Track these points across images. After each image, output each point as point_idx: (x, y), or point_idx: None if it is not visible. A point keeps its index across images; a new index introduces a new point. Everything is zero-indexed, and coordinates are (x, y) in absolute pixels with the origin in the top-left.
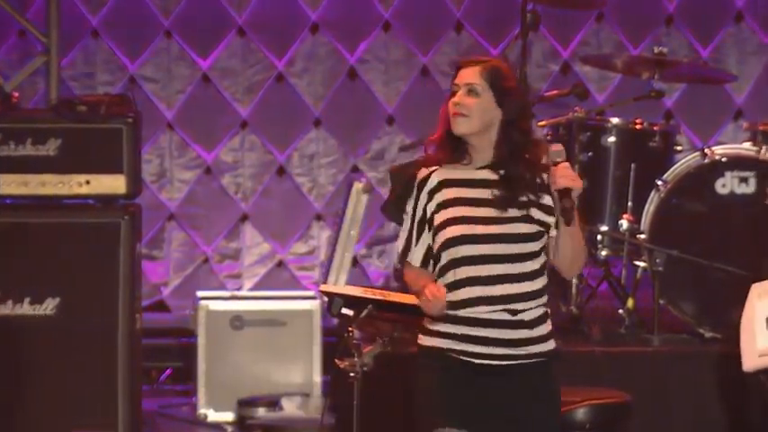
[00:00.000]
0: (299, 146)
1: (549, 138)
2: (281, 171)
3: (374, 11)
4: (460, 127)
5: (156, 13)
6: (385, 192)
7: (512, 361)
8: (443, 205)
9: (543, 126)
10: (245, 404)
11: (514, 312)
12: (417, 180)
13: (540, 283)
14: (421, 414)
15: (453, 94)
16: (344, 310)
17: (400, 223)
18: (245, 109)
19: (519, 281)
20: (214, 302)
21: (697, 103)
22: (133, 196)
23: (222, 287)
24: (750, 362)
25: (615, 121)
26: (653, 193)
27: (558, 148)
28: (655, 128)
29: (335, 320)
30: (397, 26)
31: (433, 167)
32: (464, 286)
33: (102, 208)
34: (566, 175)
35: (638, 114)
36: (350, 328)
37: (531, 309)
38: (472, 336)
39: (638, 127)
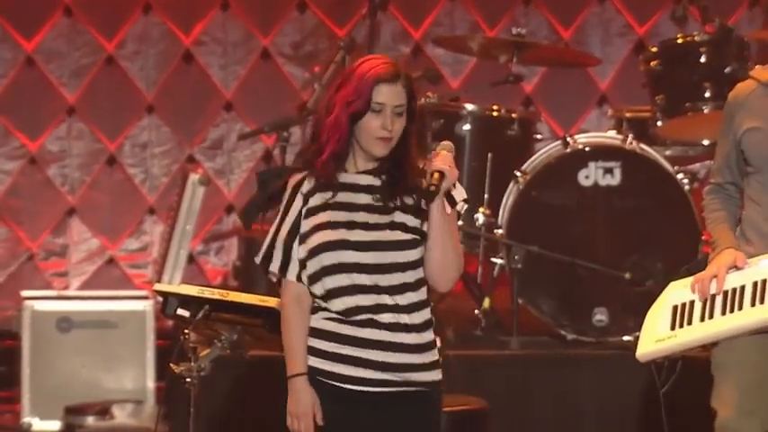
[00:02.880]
0: (131, 134)
1: None
2: (112, 161)
3: None
4: (384, 152)
5: None
6: (223, 183)
7: (389, 388)
8: (315, 210)
9: None
10: (73, 412)
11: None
12: (292, 183)
13: (419, 297)
14: None
15: (373, 112)
16: (180, 311)
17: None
18: (72, 94)
19: (398, 293)
20: (39, 302)
21: (558, 89)
22: None
23: (48, 286)
24: (645, 347)
25: (470, 107)
26: (511, 184)
27: (448, 143)
28: (513, 115)
29: (170, 322)
30: (236, 5)
31: (305, 172)
32: (336, 297)
33: None
34: (444, 160)
35: (494, 100)
36: (186, 331)
37: (420, 329)
38: (344, 355)
39: (494, 114)
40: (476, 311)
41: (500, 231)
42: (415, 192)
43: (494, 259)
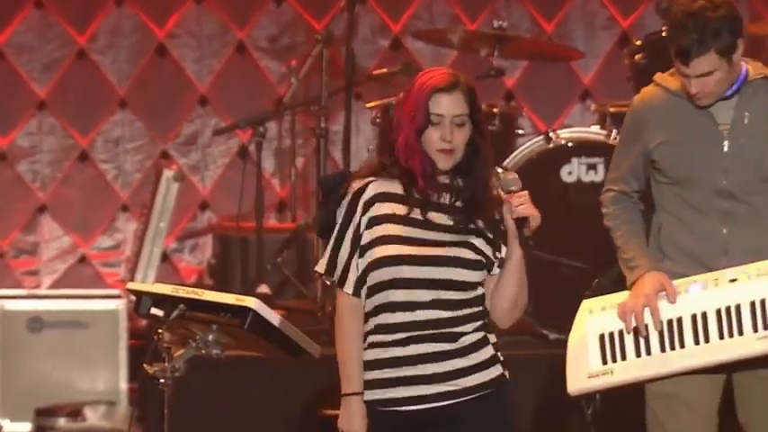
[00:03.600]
0: (103, 129)
1: (377, 120)
2: (84, 157)
3: None
4: (447, 164)
5: None
6: (198, 180)
7: (448, 401)
8: (378, 221)
9: (372, 107)
10: (45, 413)
11: (446, 338)
12: (353, 190)
13: (477, 308)
14: None
15: (432, 124)
16: (153, 310)
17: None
18: (42, 89)
19: (452, 309)
20: (10, 302)
21: (540, 83)
22: None
23: (18, 285)
24: (577, 384)
25: None
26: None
27: (512, 175)
28: (494, 110)
29: (144, 321)
30: None
31: (370, 178)
32: (385, 311)
33: None
34: (525, 204)
35: None
36: (159, 330)
37: (467, 333)
38: (398, 377)
39: None
40: None
41: None
42: (486, 218)
43: None
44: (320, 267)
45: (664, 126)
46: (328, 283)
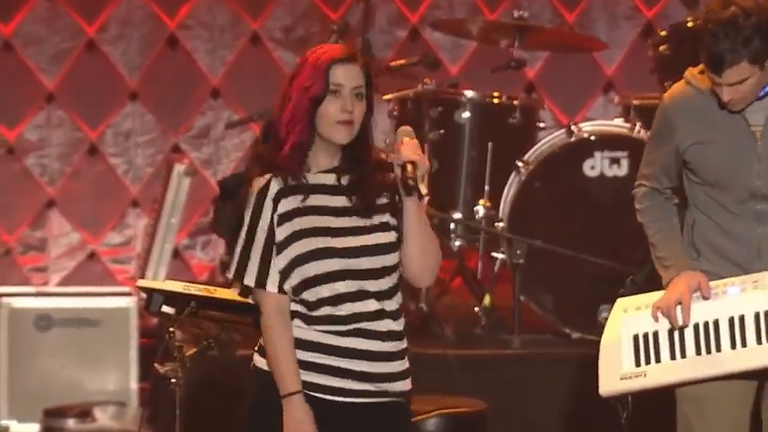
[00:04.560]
0: (113, 122)
1: (395, 113)
2: (93, 151)
3: None
4: (346, 137)
5: None
6: (210, 174)
7: (367, 398)
8: (288, 216)
9: (389, 100)
10: (53, 414)
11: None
12: (256, 188)
13: (397, 303)
14: None
15: (331, 94)
16: (164, 308)
17: (231, 242)
18: (51, 81)
19: (385, 298)
20: (17, 299)
21: (562, 75)
22: None
23: (26, 282)
24: (609, 385)
25: (470, 94)
26: (513, 175)
27: (406, 127)
28: (515, 102)
29: (154, 320)
30: None
31: (268, 174)
32: (322, 306)
33: None
34: (413, 149)
35: (495, 87)
36: (170, 329)
37: (400, 337)
38: (326, 366)
39: (495, 101)
40: (476, 309)
41: (501, 225)
42: (386, 189)
43: (494, 254)
44: (230, 272)
45: (695, 127)
46: (236, 288)
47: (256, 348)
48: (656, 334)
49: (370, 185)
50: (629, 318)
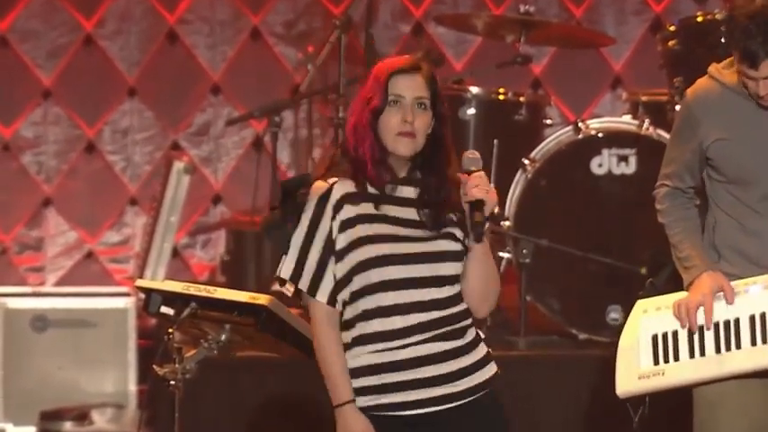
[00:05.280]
0: (111, 119)
1: None
2: (91, 148)
3: None
4: (408, 149)
5: None
6: (210, 172)
7: (449, 404)
8: (351, 223)
9: None
10: (50, 417)
11: (446, 337)
12: (317, 193)
13: (464, 306)
14: None
15: (389, 104)
16: (163, 309)
17: (285, 250)
18: (48, 77)
19: (446, 307)
20: (13, 300)
21: (569, 70)
22: None
23: (22, 282)
24: (627, 385)
25: (475, 90)
26: (519, 173)
27: (473, 155)
28: (521, 98)
29: (153, 321)
30: None
31: (332, 179)
32: (378, 317)
33: None
34: (480, 186)
35: (501, 83)
36: (170, 330)
37: (470, 328)
38: (397, 382)
39: (501, 98)
40: None
41: (507, 224)
42: (457, 209)
43: (500, 254)
44: (285, 273)
45: (719, 123)
46: (289, 292)
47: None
48: (675, 333)
49: (439, 201)
50: (648, 318)
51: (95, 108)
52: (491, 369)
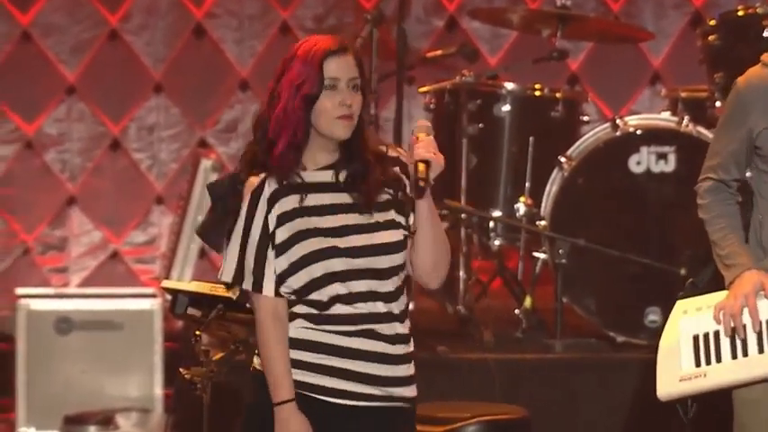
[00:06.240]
0: (137, 116)
1: (432, 106)
2: (116, 145)
3: None
4: (347, 132)
5: None
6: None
7: (371, 402)
8: (288, 216)
9: (425, 92)
10: (73, 421)
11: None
12: (250, 188)
13: (404, 304)
14: None
15: (327, 89)
16: (190, 311)
17: (220, 249)
18: (72, 72)
19: (390, 301)
20: (36, 301)
21: (607, 66)
22: None
23: (45, 283)
24: (668, 387)
25: (510, 86)
26: (555, 171)
27: (423, 123)
28: (557, 95)
29: (180, 322)
30: None
31: (261, 174)
32: (328, 308)
33: None
34: (426, 147)
35: (537, 79)
36: (197, 332)
37: (407, 340)
38: (330, 367)
39: (537, 94)
40: (516, 311)
41: (543, 223)
42: (388, 184)
43: (536, 254)
44: (226, 276)
45: None
46: (234, 295)
47: (257, 351)
48: (716, 333)
49: (369, 181)
50: (689, 319)
51: (120, 104)
52: (414, 390)
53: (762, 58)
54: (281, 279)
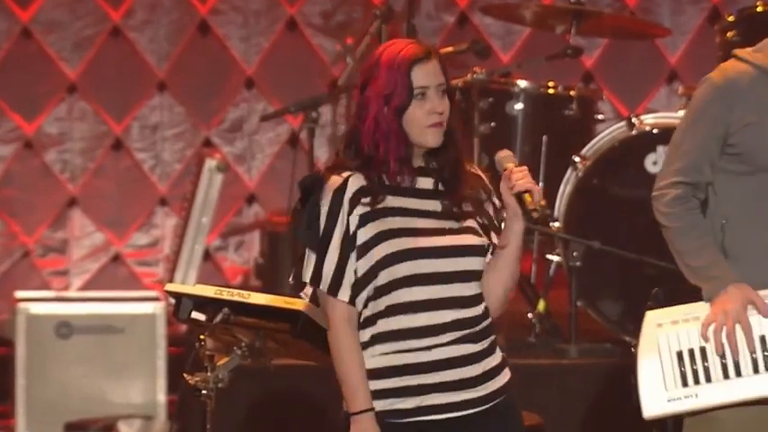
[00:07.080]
0: (140, 115)
1: None
2: (118, 145)
3: None
4: (438, 140)
5: None
6: (244, 170)
7: (471, 409)
8: (371, 216)
9: None
10: (74, 428)
11: (472, 338)
12: (332, 187)
13: (484, 305)
14: None
15: (417, 99)
16: (194, 315)
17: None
18: (73, 70)
19: (472, 305)
20: (36, 305)
21: (622, 63)
22: None
23: (46, 286)
24: (655, 407)
25: (523, 84)
26: (569, 171)
27: (505, 153)
28: (571, 93)
29: (184, 327)
30: None
31: (346, 173)
32: (403, 313)
33: None
34: (525, 177)
35: (550, 76)
36: (201, 337)
37: (489, 332)
38: (421, 385)
39: (550, 92)
40: (529, 315)
41: (556, 225)
42: (472, 201)
43: (549, 256)
44: (306, 277)
45: (753, 106)
46: (306, 295)
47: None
48: (702, 350)
49: (459, 188)
50: (666, 333)
51: (123, 103)
52: (507, 374)
53: (735, 52)
54: (359, 284)
